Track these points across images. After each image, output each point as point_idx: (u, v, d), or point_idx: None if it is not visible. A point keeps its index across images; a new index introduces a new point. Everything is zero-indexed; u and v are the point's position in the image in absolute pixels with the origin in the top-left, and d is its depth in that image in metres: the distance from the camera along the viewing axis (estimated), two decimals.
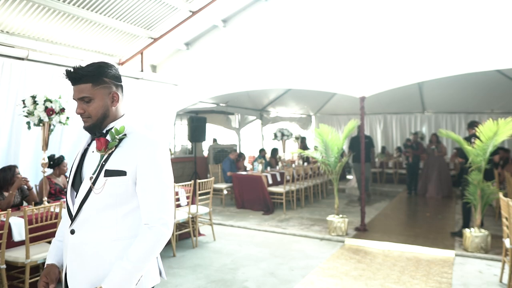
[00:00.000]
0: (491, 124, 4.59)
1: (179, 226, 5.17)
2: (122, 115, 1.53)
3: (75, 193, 1.46)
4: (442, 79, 5.75)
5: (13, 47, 5.11)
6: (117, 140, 1.43)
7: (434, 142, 9.11)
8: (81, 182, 1.45)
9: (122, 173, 1.41)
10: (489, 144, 4.69)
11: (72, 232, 1.43)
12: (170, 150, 8.71)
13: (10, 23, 5.20)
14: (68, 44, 6.19)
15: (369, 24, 6.10)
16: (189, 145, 10.92)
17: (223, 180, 8.72)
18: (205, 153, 11.37)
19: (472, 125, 5.60)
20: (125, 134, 1.46)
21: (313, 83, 6.57)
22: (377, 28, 6.01)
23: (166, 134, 7.77)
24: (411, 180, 9.59)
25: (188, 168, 9.77)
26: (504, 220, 3.73)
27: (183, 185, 5.17)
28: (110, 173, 1.40)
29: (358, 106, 5.93)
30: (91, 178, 1.41)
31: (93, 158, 1.46)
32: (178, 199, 5.18)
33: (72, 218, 1.44)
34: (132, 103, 7.00)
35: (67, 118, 4.00)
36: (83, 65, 1.45)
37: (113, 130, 1.45)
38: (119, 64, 7.32)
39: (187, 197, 5.20)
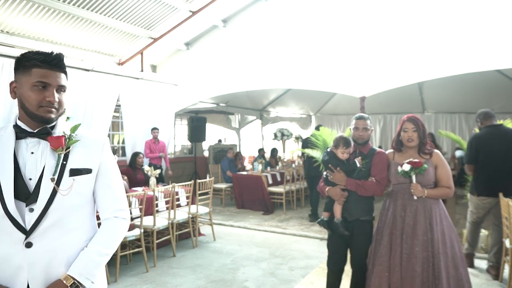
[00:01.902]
0: None
1: (179, 226, 5.17)
2: None
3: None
4: (442, 79, 5.74)
5: (13, 47, 5.13)
6: (74, 138, 1.40)
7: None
8: (27, 188, 1.29)
9: (88, 171, 1.41)
10: None
11: (29, 245, 1.27)
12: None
13: (10, 23, 5.20)
14: (68, 44, 6.19)
15: (369, 24, 6.11)
16: (189, 145, 10.92)
17: (223, 180, 8.73)
18: (206, 153, 11.37)
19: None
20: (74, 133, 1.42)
21: (313, 83, 6.57)
22: (377, 28, 6.02)
23: (166, 133, 7.78)
24: None
25: (188, 168, 9.78)
26: (504, 220, 3.72)
27: (183, 185, 5.17)
28: (76, 172, 1.37)
29: (358, 106, 5.92)
30: (52, 179, 1.31)
31: (35, 160, 1.34)
32: (178, 199, 5.18)
33: (29, 230, 1.27)
34: (132, 103, 7.02)
35: (68, 118, 3.98)
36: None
37: (67, 129, 1.41)
38: (119, 64, 7.33)
39: (187, 197, 5.20)
